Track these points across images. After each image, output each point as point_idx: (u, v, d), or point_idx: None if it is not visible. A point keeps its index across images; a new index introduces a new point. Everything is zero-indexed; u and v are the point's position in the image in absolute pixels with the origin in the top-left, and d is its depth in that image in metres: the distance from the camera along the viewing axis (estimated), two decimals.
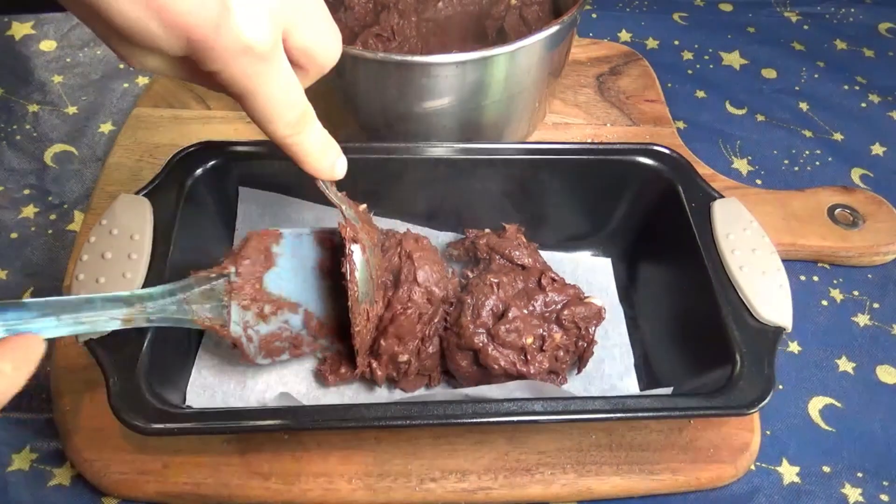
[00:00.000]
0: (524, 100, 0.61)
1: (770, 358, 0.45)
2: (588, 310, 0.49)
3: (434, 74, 0.54)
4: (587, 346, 0.49)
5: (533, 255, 0.53)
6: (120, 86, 0.73)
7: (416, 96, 0.56)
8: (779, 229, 0.61)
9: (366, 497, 0.46)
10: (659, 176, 0.54)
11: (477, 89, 0.57)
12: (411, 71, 0.54)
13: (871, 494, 0.49)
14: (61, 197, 0.63)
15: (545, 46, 0.57)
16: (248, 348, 0.46)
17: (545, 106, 0.68)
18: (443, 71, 0.54)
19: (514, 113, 0.62)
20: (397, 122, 0.59)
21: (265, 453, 0.47)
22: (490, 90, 0.57)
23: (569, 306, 0.49)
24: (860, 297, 0.61)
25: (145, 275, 0.46)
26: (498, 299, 0.49)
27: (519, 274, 0.51)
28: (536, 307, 0.49)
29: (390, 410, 0.42)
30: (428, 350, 0.49)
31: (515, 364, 0.47)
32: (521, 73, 0.58)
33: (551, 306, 0.50)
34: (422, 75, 0.54)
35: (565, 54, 0.63)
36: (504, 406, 0.42)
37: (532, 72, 0.59)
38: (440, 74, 0.54)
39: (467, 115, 0.59)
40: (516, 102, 0.61)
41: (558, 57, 0.62)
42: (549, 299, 0.50)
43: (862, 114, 0.76)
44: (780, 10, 0.88)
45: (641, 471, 0.47)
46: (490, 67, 0.56)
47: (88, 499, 0.47)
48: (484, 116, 0.60)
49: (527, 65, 0.58)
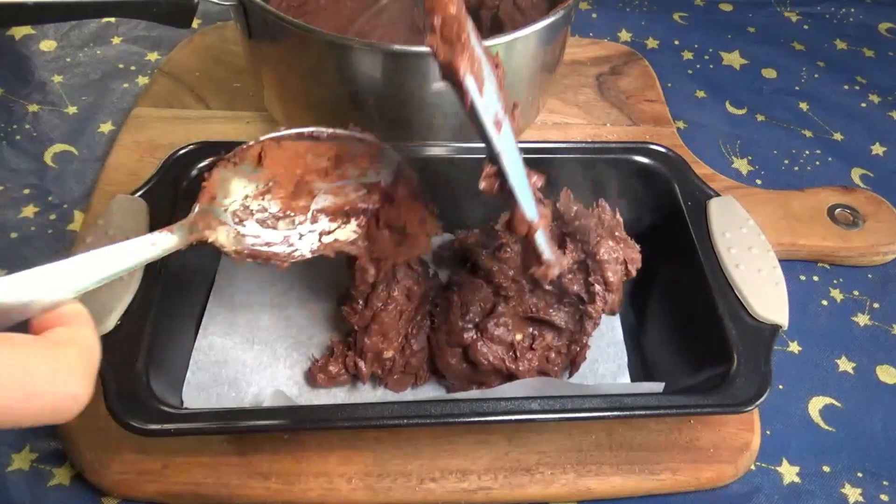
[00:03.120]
0: (517, 94, 0.61)
1: (767, 355, 0.45)
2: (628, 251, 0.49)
3: (423, 65, 0.53)
4: (580, 350, 0.49)
5: None
6: (120, 86, 0.73)
7: (408, 87, 0.55)
8: (779, 229, 0.61)
9: (366, 497, 0.46)
10: (655, 174, 0.54)
11: None
12: (403, 61, 0.53)
13: (871, 494, 0.49)
14: (61, 197, 0.63)
15: (540, 39, 0.57)
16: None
17: (538, 103, 0.67)
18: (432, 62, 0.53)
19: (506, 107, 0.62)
20: (390, 113, 0.58)
21: (265, 453, 0.47)
22: None
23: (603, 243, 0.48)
24: (860, 297, 0.60)
25: (141, 276, 0.46)
26: (485, 295, 0.49)
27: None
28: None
29: (390, 410, 0.42)
30: (413, 348, 0.49)
31: (504, 360, 0.47)
32: (515, 65, 0.57)
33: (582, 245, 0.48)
34: (410, 65, 0.54)
35: (560, 50, 0.63)
36: (503, 405, 0.42)
37: (526, 64, 0.58)
38: (431, 65, 0.53)
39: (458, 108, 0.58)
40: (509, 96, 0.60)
41: (552, 51, 0.61)
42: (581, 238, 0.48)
43: (862, 114, 0.76)
44: (780, 10, 0.88)
45: (641, 471, 0.47)
46: None
47: (88, 499, 0.47)
48: None
49: (521, 56, 0.57)
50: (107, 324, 0.44)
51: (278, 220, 0.43)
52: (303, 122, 0.65)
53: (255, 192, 0.43)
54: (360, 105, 0.58)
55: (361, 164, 0.46)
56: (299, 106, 0.63)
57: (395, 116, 0.58)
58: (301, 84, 0.60)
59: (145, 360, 0.42)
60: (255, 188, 0.43)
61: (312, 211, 0.44)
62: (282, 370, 0.51)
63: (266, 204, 0.44)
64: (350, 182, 0.46)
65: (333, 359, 0.50)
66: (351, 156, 0.46)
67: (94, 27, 0.78)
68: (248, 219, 0.43)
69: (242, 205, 0.43)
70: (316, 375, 0.49)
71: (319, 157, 0.45)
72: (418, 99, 0.56)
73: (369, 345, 0.49)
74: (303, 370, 0.51)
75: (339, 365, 0.50)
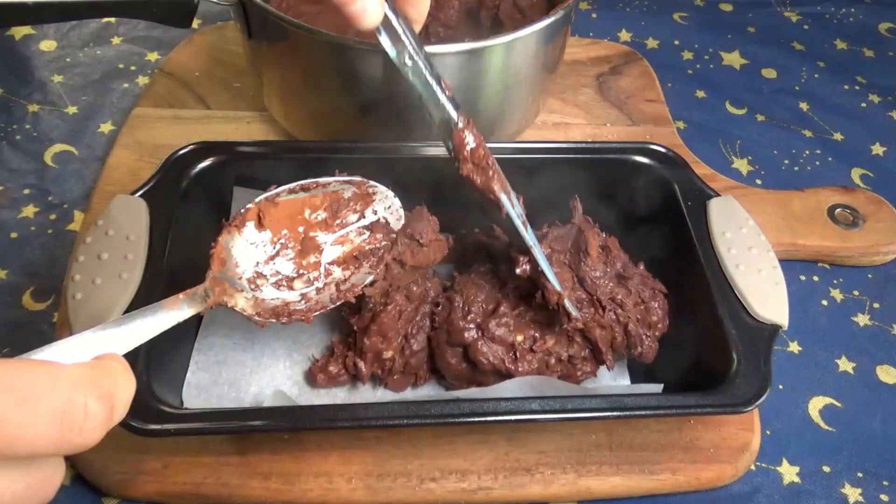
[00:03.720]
0: (517, 94, 0.61)
1: (767, 356, 0.45)
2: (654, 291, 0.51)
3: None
4: (580, 376, 0.50)
5: None
6: (120, 86, 0.73)
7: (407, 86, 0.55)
8: (779, 229, 0.61)
9: (366, 497, 0.46)
10: (655, 174, 0.54)
11: (472, 80, 0.56)
12: None
13: (871, 494, 0.49)
14: (61, 197, 0.63)
15: (540, 38, 0.57)
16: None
17: (539, 103, 0.67)
18: (438, 61, 0.53)
19: (507, 107, 0.62)
20: (389, 112, 0.58)
21: (265, 453, 0.47)
22: (485, 81, 0.57)
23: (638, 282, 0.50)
24: (860, 297, 0.60)
25: (141, 275, 0.46)
26: (487, 296, 0.49)
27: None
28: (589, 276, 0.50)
29: (390, 410, 0.42)
30: (413, 348, 0.49)
31: (504, 360, 0.48)
32: (515, 65, 0.57)
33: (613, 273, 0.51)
34: None
35: (560, 50, 0.63)
36: (503, 405, 0.42)
37: (526, 64, 0.58)
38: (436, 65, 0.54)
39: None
40: (510, 96, 0.60)
41: (552, 51, 0.61)
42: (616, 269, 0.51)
43: (862, 114, 0.76)
44: (780, 10, 0.89)
45: (641, 471, 0.47)
46: (486, 57, 0.55)
47: (88, 499, 0.47)
48: (476, 109, 0.59)
49: (521, 56, 0.57)
50: None
51: (293, 280, 0.45)
52: (303, 123, 0.65)
53: (266, 258, 0.45)
54: (360, 105, 0.58)
55: (356, 207, 0.47)
56: (299, 105, 0.63)
57: (394, 116, 0.58)
58: (301, 84, 0.60)
59: (145, 360, 0.42)
60: (265, 254, 0.45)
61: (324, 266, 0.46)
62: (282, 370, 0.51)
63: (278, 268, 0.45)
64: (351, 228, 0.47)
65: (333, 359, 0.50)
66: (345, 202, 0.47)
67: (94, 27, 0.78)
68: (264, 284, 0.44)
69: (255, 272, 0.44)
70: (316, 375, 0.49)
71: (316, 210, 0.47)
72: (417, 98, 0.56)
73: (369, 345, 0.49)
74: (303, 370, 0.51)
75: (338, 365, 0.50)
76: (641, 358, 0.50)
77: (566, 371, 0.49)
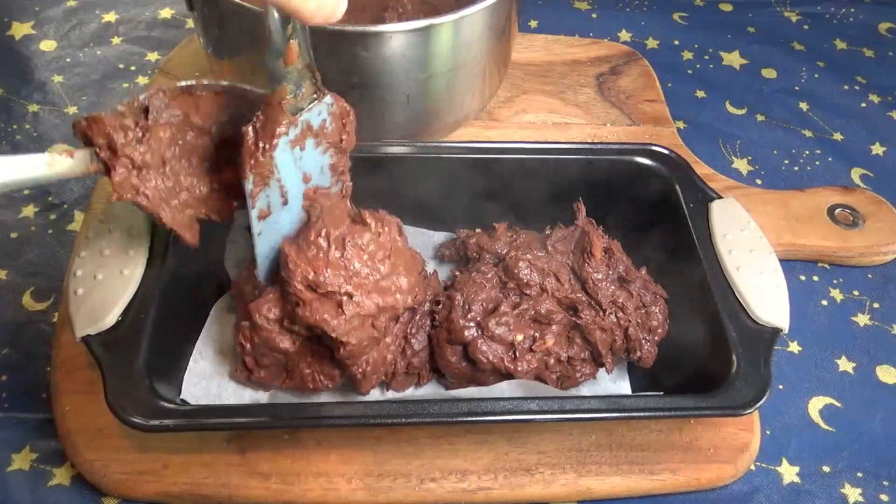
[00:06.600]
0: (474, 67, 0.59)
1: (767, 358, 0.45)
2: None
3: (373, 45, 0.52)
4: (578, 378, 0.50)
5: None
6: (120, 86, 0.73)
7: (357, 68, 0.54)
8: (779, 229, 0.61)
9: (366, 497, 0.46)
10: (657, 176, 0.54)
11: (418, 61, 0.55)
12: (348, 41, 0.52)
13: (871, 494, 0.49)
14: (61, 197, 0.63)
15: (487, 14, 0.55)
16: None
17: (497, 77, 0.64)
18: (382, 41, 0.52)
19: (458, 87, 0.60)
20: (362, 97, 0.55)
21: (265, 453, 0.47)
22: (432, 62, 0.55)
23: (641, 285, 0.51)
24: (860, 297, 0.61)
25: (143, 271, 0.46)
26: (488, 295, 0.49)
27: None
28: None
29: (390, 409, 0.42)
30: (414, 348, 0.49)
31: (503, 359, 0.48)
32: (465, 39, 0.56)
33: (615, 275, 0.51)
34: (359, 46, 0.52)
35: (508, 11, 0.60)
36: (503, 405, 0.42)
37: (477, 35, 0.56)
38: (380, 45, 0.52)
39: (411, 88, 0.57)
40: (460, 75, 0.59)
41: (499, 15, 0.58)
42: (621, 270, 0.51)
43: (862, 114, 0.76)
44: (780, 10, 0.88)
45: (641, 471, 0.47)
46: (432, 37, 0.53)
47: (88, 499, 0.47)
48: (428, 89, 0.58)
49: (470, 25, 0.55)
50: (107, 320, 0.44)
51: None
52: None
53: None
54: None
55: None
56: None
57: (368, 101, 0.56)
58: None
59: (145, 357, 0.43)
60: None
61: None
62: None
63: None
64: None
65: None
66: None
67: (94, 27, 0.78)
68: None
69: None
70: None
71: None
72: (387, 79, 0.55)
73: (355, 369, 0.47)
74: None
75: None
76: (640, 362, 0.50)
77: (565, 372, 0.49)
